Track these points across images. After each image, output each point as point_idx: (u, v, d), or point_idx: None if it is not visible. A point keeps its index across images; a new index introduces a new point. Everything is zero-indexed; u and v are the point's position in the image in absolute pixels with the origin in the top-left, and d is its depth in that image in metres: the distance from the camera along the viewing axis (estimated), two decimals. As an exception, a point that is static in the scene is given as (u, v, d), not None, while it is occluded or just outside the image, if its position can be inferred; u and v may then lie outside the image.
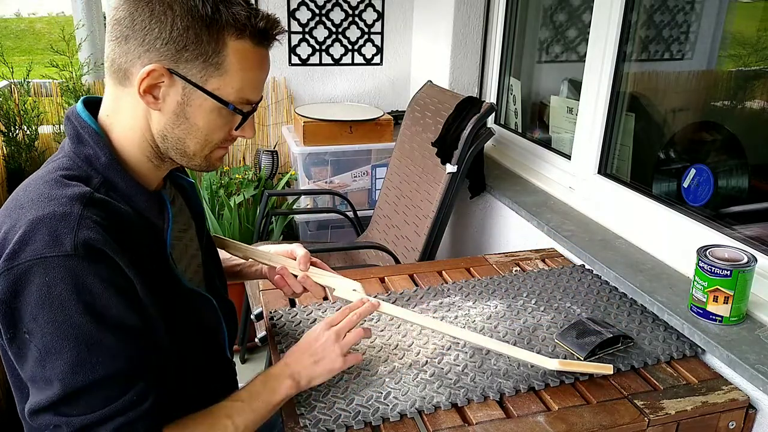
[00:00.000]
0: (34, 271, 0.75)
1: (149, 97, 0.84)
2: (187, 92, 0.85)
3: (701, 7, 1.71)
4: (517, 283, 1.51)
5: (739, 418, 1.15)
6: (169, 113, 0.86)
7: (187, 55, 0.82)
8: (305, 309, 1.38)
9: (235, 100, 0.87)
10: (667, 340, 1.28)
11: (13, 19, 9.01)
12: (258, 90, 0.90)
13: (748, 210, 1.49)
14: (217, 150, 0.92)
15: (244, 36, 0.85)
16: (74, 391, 0.78)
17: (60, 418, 0.79)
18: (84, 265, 0.77)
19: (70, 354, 0.77)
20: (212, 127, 0.88)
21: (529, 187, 2.11)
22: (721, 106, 1.64)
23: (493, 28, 2.44)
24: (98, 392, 0.79)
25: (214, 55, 0.83)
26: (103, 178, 0.86)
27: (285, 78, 2.85)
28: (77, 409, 0.79)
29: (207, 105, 0.86)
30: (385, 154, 2.64)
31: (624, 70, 1.76)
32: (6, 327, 0.79)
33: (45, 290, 0.75)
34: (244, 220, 2.55)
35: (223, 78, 0.85)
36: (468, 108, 1.98)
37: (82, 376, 0.78)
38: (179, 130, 0.87)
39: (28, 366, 0.79)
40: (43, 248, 0.76)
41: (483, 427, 1.04)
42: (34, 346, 0.77)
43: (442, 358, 1.20)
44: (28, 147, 2.43)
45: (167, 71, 0.83)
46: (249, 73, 0.87)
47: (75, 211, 0.78)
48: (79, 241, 0.76)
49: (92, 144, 0.86)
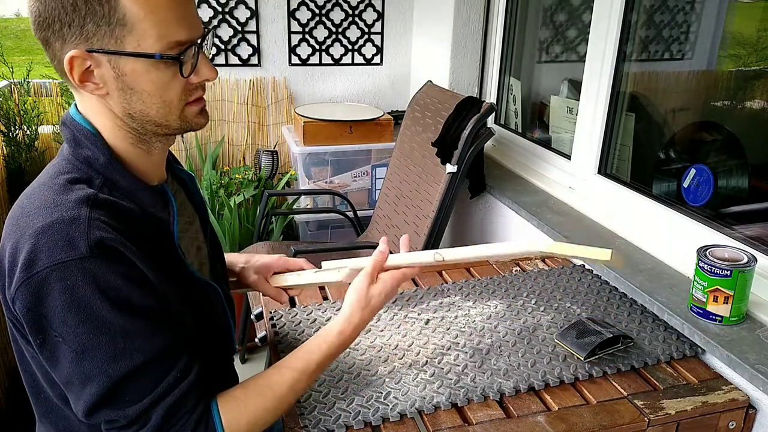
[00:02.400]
0: (54, 276, 0.76)
1: (89, 85, 0.83)
2: (114, 64, 0.81)
3: (701, 7, 1.71)
4: (517, 283, 1.51)
5: (739, 418, 1.15)
6: (116, 91, 0.83)
7: (89, 28, 0.79)
8: (305, 309, 1.38)
9: (161, 49, 0.81)
10: (667, 340, 1.28)
11: (13, 19, 9.01)
12: (182, 26, 0.82)
13: (748, 210, 1.49)
14: (188, 107, 0.88)
15: None
16: (120, 381, 0.79)
17: (114, 411, 0.80)
18: (101, 264, 0.78)
19: (107, 347, 0.79)
20: (160, 86, 0.84)
21: (529, 187, 2.11)
22: (721, 106, 1.64)
23: (493, 28, 2.44)
24: (143, 377, 0.81)
25: (113, 14, 0.78)
26: (105, 178, 0.86)
27: (285, 78, 2.85)
28: (127, 397, 0.80)
29: (138, 67, 0.81)
30: (385, 154, 2.64)
31: (624, 70, 1.76)
32: (35, 333, 0.80)
33: (69, 294, 0.76)
34: (244, 220, 2.55)
35: (135, 33, 0.79)
36: (468, 108, 1.98)
37: (124, 365, 0.79)
38: (135, 103, 0.84)
39: (63, 368, 0.80)
40: (59, 253, 0.76)
41: (483, 427, 1.04)
42: (67, 348, 0.78)
43: (442, 358, 1.20)
44: (28, 147, 2.43)
45: (85, 52, 0.80)
46: (159, 14, 0.80)
47: (83, 214, 0.79)
48: (92, 242, 0.77)
49: (90, 145, 0.86)
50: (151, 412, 0.81)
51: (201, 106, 0.90)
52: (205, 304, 0.98)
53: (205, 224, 1.10)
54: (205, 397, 0.87)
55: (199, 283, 0.97)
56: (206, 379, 0.87)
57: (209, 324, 1.00)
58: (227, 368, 1.12)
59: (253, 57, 2.77)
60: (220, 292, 1.03)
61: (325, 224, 2.73)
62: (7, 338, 2.03)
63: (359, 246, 2.28)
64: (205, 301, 0.99)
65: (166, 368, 0.83)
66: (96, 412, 0.81)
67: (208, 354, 0.98)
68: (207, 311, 0.99)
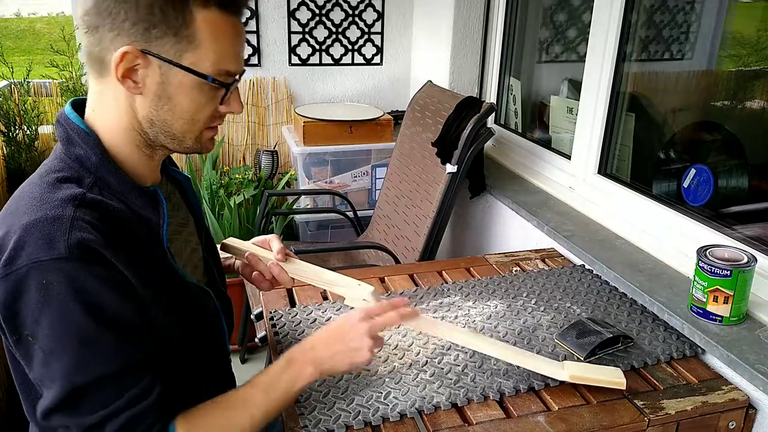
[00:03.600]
0: (31, 275, 0.76)
1: (129, 81, 0.84)
2: (164, 71, 0.84)
3: (701, 7, 1.72)
4: (517, 283, 1.51)
5: (739, 418, 1.15)
6: (151, 95, 0.85)
7: (156, 32, 0.81)
8: (305, 309, 1.38)
9: (213, 73, 0.85)
10: (667, 340, 1.28)
11: (13, 19, 9.02)
12: (236, 60, 0.88)
13: (748, 210, 1.49)
14: (206, 131, 0.91)
15: (209, 5, 0.83)
16: (78, 390, 0.79)
17: (68, 418, 0.80)
18: (79, 266, 0.77)
19: (72, 354, 0.78)
20: (197, 105, 0.87)
21: (529, 187, 2.11)
22: (721, 106, 1.64)
23: (493, 28, 2.44)
24: (102, 390, 0.80)
25: (184, 29, 0.82)
26: (95, 177, 0.86)
27: (285, 78, 2.85)
28: (84, 407, 0.80)
29: (186, 81, 0.85)
30: (385, 154, 2.64)
31: (624, 70, 1.76)
32: (11, 331, 0.80)
33: (43, 293, 0.76)
34: (244, 220, 2.55)
35: (197, 51, 0.83)
36: (468, 108, 1.98)
37: (85, 375, 0.79)
38: (164, 112, 0.86)
39: (35, 367, 0.80)
40: (38, 252, 0.76)
41: (483, 427, 1.04)
42: (38, 347, 0.78)
43: (442, 358, 1.20)
44: (28, 147, 2.43)
45: (140, 52, 0.82)
46: (223, 43, 0.85)
47: (67, 213, 0.79)
48: (72, 243, 0.77)
49: (82, 144, 0.87)
50: (106, 424, 0.80)
51: (215, 133, 0.94)
52: (196, 308, 0.97)
53: (201, 226, 1.09)
54: (165, 414, 0.84)
55: (189, 286, 0.95)
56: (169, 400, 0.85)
57: (200, 327, 0.99)
58: (222, 371, 1.11)
59: (253, 57, 2.77)
60: (212, 295, 1.02)
61: (325, 224, 2.73)
62: (7, 338, 2.04)
63: (359, 246, 2.28)
64: (196, 304, 0.98)
65: (128, 384, 0.81)
66: (52, 416, 0.80)
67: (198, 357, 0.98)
68: (198, 314, 0.98)
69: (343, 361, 0.98)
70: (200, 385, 0.96)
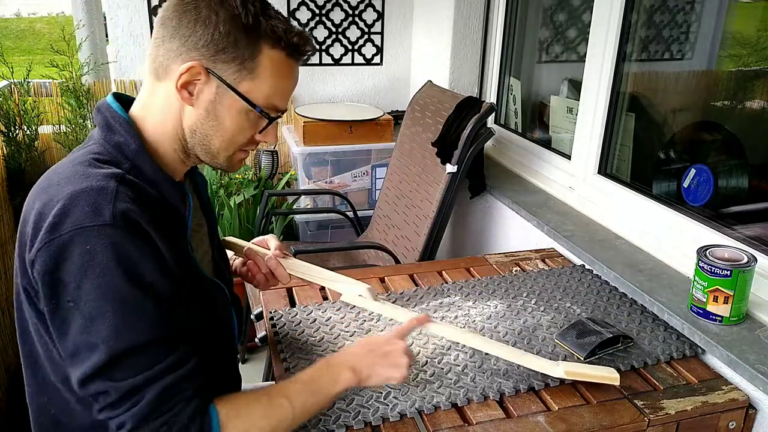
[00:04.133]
0: (76, 240, 0.78)
1: (185, 92, 0.90)
2: (220, 91, 0.90)
3: (701, 7, 1.72)
4: (517, 283, 1.51)
5: (739, 418, 1.15)
6: (201, 109, 0.91)
7: (224, 57, 0.88)
8: (305, 309, 1.38)
9: (263, 105, 0.92)
10: (667, 340, 1.28)
11: (13, 19, 9.02)
12: (285, 99, 0.95)
13: (748, 210, 1.49)
14: (239, 152, 0.97)
15: (278, 46, 0.90)
16: (119, 354, 0.80)
17: (107, 383, 0.81)
18: (122, 234, 0.80)
19: (114, 318, 0.79)
20: (238, 128, 0.93)
21: (529, 187, 2.11)
22: (721, 106, 1.64)
23: (493, 28, 2.44)
24: (142, 355, 0.81)
25: (249, 60, 0.89)
26: (132, 164, 0.90)
27: (285, 78, 2.85)
28: (123, 372, 0.81)
29: (236, 106, 0.91)
30: (385, 154, 2.64)
31: (624, 70, 1.76)
32: (49, 298, 0.81)
33: (87, 258, 0.78)
34: (244, 220, 2.55)
35: (254, 82, 0.90)
36: (468, 108, 1.98)
37: (126, 339, 0.80)
38: (208, 127, 0.92)
39: (71, 335, 0.81)
40: (84, 218, 0.79)
41: (483, 427, 1.04)
42: (78, 313, 0.80)
43: (442, 358, 1.20)
44: (28, 147, 2.43)
45: (205, 69, 0.88)
46: (279, 81, 0.92)
47: (111, 185, 0.83)
48: (117, 211, 0.80)
49: (122, 132, 0.91)
50: (146, 389, 0.81)
51: (245, 156, 1.00)
52: (210, 303, 1.00)
53: (214, 231, 1.13)
54: (204, 392, 0.86)
55: (205, 281, 0.98)
56: (205, 376, 0.87)
57: (213, 323, 1.01)
58: (231, 369, 1.12)
59: (253, 57, 2.77)
60: (225, 291, 1.04)
61: (325, 224, 2.73)
62: (6, 338, 2.03)
63: (359, 246, 2.28)
64: (211, 299, 1.00)
65: (165, 351, 0.83)
66: (90, 383, 0.81)
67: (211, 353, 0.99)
68: (212, 309, 1.00)
69: (381, 373, 1.00)
70: (210, 381, 0.97)
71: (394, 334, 1.06)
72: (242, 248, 1.20)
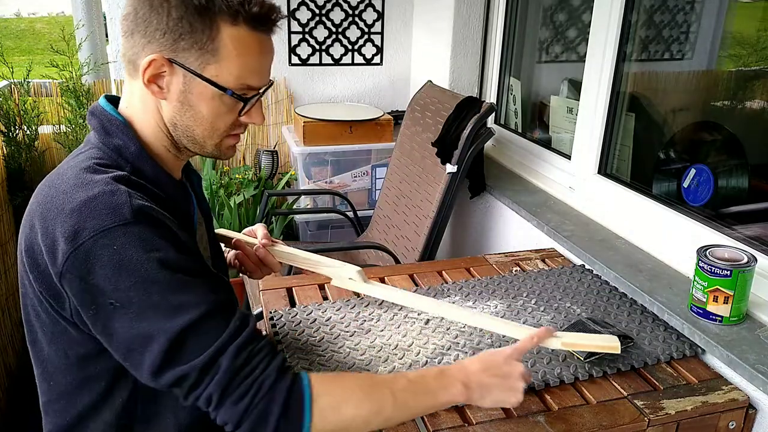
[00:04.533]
0: (101, 243, 0.78)
1: (154, 86, 0.88)
2: (187, 80, 0.88)
3: (701, 7, 1.72)
4: (517, 283, 1.51)
5: (739, 418, 1.15)
6: (174, 101, 0.90)
7: (183, 44, 0.85)
8: (305, 309, 1.38)
9: (234, 86, 0.89)
10: (667, 340, 1.28)
11: (13, 19, 9.02)
12: (259, 75, 0.91)
13: (748, 210, 1.49)
14: (227, 138, 0.95)
15: (238, 22, 0.86)
16: (178, 336, 0.79)
17: (180, 367, 0.80)
18: (146, 227, 0.81)
19: (161, 304, 0.79)
20: (216, 115, 0.91)
21: (529, 187, 2.11)
22: (721, 106, 1.64)
23: (493, 28, 2.44)
24: (202, 329, 0.81)
25: (209, 42, 0.86)
26: (133, 167, 0.90)
27: (285, 78, 2.85)
28: (190, 351, 0.80)
29: (207, 92, 0.89)
30: (385, 154, 2.64)
31: (624, 70, 1.76)
32: (87, 305, 0.81)
33: (117, 258, 0.78)
34: (244, 220, 2.55)
35: (220, 65, 0.87)
36: (468, 108, 1.98)
37: (181, 319, 0.80)
38: (186, 118, 0.91)
39: (121, 335, 0.80)
40: (104, 221, 0.79)
41: (483, 427, 1.03)
42: (123, 311, 0.79)
43: (442, 358, 1.20)
44: (28, 147, 2.43)
45: (167, 60, 0.86)
46: (247, 59, 0.88)
47: (121, 187, 0.83)
48: (135, 207, 0.81)
49: (120, 135, 0.91)
50: (220, 358, 0.80)
51: (237, 141, 0.98)
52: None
53: (210, 227, 1.13)
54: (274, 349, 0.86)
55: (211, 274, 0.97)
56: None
57: None
58: None
59: (253, 57, 2.77)
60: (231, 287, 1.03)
61: (325, 224, 2.73)
62: (6, 338, 2.03)
63: (359, 246, 2.28)
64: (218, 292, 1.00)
65: (224, 318, 0.83)
66: (163, 373, 0.80)
67: None
68: None
69: (495, 395, 0.96)
70: None
71: (514, 353, 1.00)
72: (231, 239, 1.21)
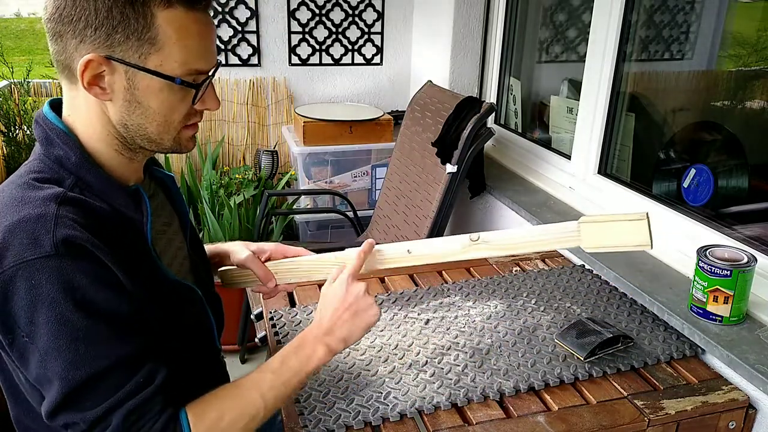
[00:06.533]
0: (19, 275, 0.76)
1: (96, 89, 0.82)
2: (130, 76, 0.82)
3: (701, 7, 1.72)
4: (517, 283, 1.51)
5: (739, 418, 1.15)
6: (121, 101, 0.84)
7: (118, 38, 0.79)
8: (305, 309, 1.38)
9: (182, 74, 0.83)
10: (667, 340, 1.28)
11: (13, 19, 9.02)
12: (205, 57, 0.85)
13: (748, 210, 1.49)
14: (184, 130, 0.89)
15: (172, 4, 0.80)
16: (79, 386, 0.78)
17: (73, 414, 0.79)
18: (66, 262, 0.76)
19: (68, 351, 0.77)
20: (168, 106, 0.85)
21: (529, 187, 2.11)
22: (721, 106, 1.64)
23: (493, 28, 2.44)
24: (104, 382, 0.80)
25: (146, 31, 0.79)
26: (76, 178, 0.85)
27: (285, 78, 2.85)
28: (86, 402, 0.79)
29: (154, 85, 0.83)
30: (385, 154, 2.64)
31: (624, 70, 1.76)
32: (5, 333, 0.79)
33: (33, 292, 0.76)
34: (244, 220, 2.55)
35: (161, 53, 0.81)
36: (468, 108, 1.98)
37: (83, 370, 0.78)
38: (136, 117, 0.85)
39: (32, 368, 0.80)
40: (24, 252, 0.76)
41: (483, 427, 1.04)
42: (34, 347, 0.78)
43: (442, 358, 1.20)
44: (28, 147, 2.43)
45: (104, 59, 0.80)
46: (189, 42, 0.82)
47: (50, 210, 0.78)
48: (58, 239, 0.76)
49: (61, 145, 0.85)
50: (111, 416, 0.80)
51: (195, 131, 0.92)
52: (182, 306, 0.97)
53: (185, 225, 1.08)
54: (173, 403, 0.84)
55: (173, 284, 0.95)
56: (175, 386, 0.85)
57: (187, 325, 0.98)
58: (212, 369, 1.10)
59: (253, 57, 2.77)
60: (199, 293, 1.01)
61: (325, 224, 2.73)
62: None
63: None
64: (183, 302, 0.97)
65: (128, 374, 0.81)
66: (57, 415, 0.80)
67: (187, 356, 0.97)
68: (184, 312, 0.98)
69: (359, 327, 0.97)
70: (192, 383, 0.96)
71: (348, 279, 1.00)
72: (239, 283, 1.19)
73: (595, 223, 0.97)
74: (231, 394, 0.89)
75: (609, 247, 0.97)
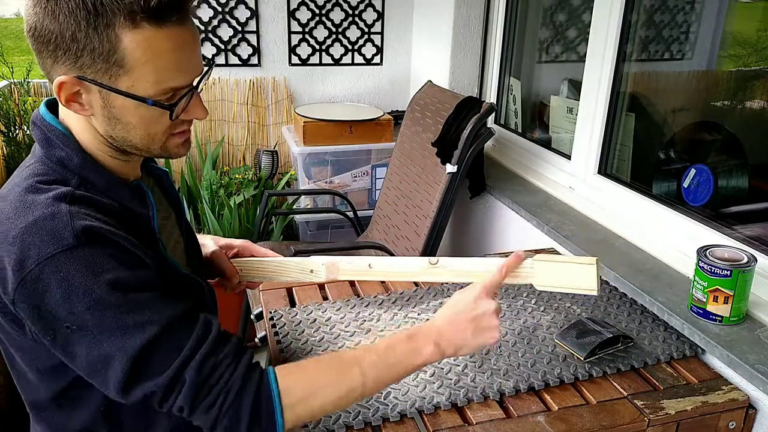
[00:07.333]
0: (47, 271, 0.76)
1: (75, 105, 0.82)
2: (104, 95, 0.81)
3: (701, 7, 1.71)
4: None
5: (739, 418, 1.15)
6: (101, 117, 0.84)
7: (86, 60, 0.78)
8: (305, 309, 1.38)
9: (156, 93, 0.81)
10: (667, 340, 1.28)
11: (13, 19, 9.02)
12: (182, 72, 0.82)
13: (748, 210, 1.49)
14: (172, 137, 0.89)
15: (138, 23, 0.76)
16: (138, 355, 0.79)
17: (146, 383, 0.80)
18: (90, 250, 0.78)
19: (117, 325, 0.78)
20: (147, 122, 0.84)
21: (529, 187, 2.11)
22: (721, 106, 1.64)
23: (493, 28, 2.44)
24: (163, 345, 0.80)
25: (112, 53, 0.77)
26: (80, 177, 0.85)
27: (285, 78, 2.85)
28: (155, 367, 0.80)
29: (128, 104, 0.81)
30: (385, 154, 2.64)
31: (624, 70, 1.76)
32: (45, 331, 0.80)
33: (65, 285, 0.76)
34: (244, 220, 2.55)
35: (131, 74, 0.79)
36: (468, 108, 1.98)
37: (140, 337, 0.79)
38: (119, 130, 0.85)
39: (81, 357, 0.80)
40: (46, 248, 0.76)
41: (483, 427, 1.03)
42: (81, 334, 0.78)
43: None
44: (28, 147, 2.43)
45: (76, 79, 0.79)
46: (161, 62, 0.79)
47: (62, 208, 0.79)
48: (78, 230, 0.77)
49: (62, 146, 0.86)
50: (183, 374, 0.80)
51: (185, 138, 0.91)
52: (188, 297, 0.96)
53: (181, 219, 1.10)
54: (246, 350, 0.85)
55: (181, 278, 0.96)
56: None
57: None
58: None
59: (253, 57, 2.77)
60: (204, 286, 1.03)
61: (325, 224, 2.73)
62: (7, 338, 2.03)
63: (359, 246, 2.28)
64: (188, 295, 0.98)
65: (185, 332, 0.82)
66: (130, 390, 0.80)
67: None
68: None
69: (475, 341, 0.94)
70: None
71: (483, 292, 0.95)
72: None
73: (549, 262, 0.99)
74: (330, 366, 0.88)
75: (558, 287, 0.99)
